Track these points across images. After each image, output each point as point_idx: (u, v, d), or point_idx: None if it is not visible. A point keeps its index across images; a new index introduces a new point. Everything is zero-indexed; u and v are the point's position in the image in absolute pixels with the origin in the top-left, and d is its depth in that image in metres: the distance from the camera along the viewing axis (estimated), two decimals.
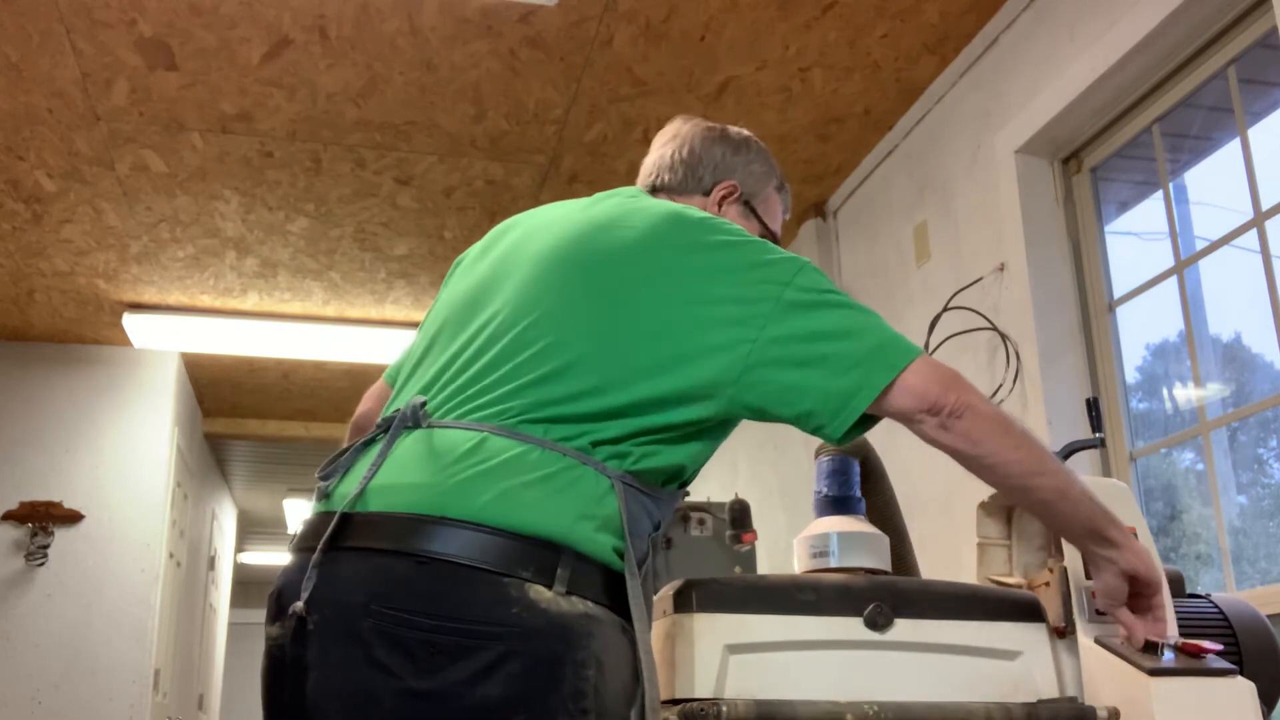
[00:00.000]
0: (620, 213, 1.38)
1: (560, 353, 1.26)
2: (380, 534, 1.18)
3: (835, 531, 1.40)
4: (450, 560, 1.14)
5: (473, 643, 1.12)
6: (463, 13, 2.90)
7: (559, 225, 1.40)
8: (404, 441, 1.25)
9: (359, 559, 1.18)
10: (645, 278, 1.30)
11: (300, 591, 1.17)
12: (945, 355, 3.06)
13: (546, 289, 1.31)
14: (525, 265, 1.36)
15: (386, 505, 1.20)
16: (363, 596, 1.14)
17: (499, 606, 1.13)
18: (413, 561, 1.15)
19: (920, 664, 1.28)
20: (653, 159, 1.62)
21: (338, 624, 1.15)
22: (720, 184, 1.64)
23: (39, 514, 4.95)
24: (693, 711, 1.16)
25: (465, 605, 1.13)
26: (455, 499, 1.17)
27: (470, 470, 1.19)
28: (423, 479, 1.20)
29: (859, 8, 2.91)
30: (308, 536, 1.24)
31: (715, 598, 1.26)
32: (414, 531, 1.16)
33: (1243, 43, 2.33)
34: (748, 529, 3.23)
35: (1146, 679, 1.27)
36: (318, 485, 1.30)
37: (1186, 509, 2.59)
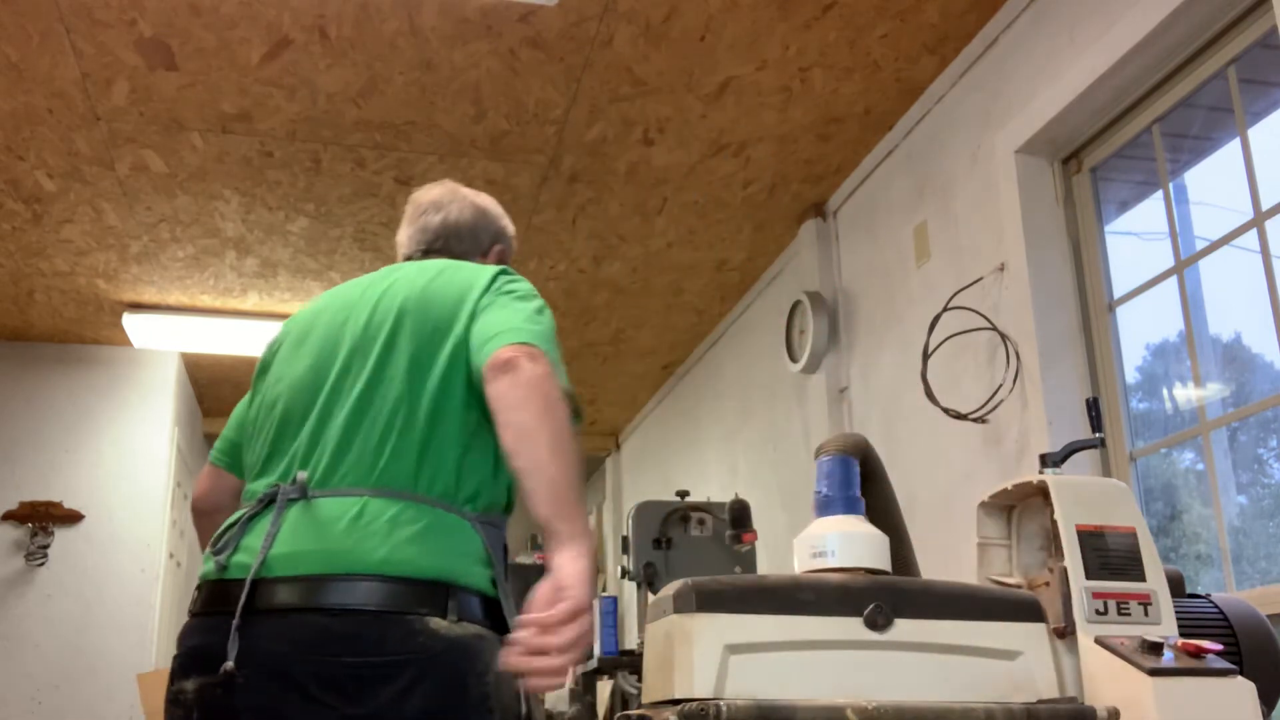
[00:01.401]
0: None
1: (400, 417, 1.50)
2: (293, 594, 1.40)
3: (835, 531, 1.40)
4: (361, 609, 1.38)
5: (392, 670, 1.36)
6: (463, 13, 2.90)
7: (369, 301, 1.63)
8: (291, 513, 1.46)
9: (277, 618, 1.39)
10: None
11: (225, 652, 1.36)
12: (945, 355, 3.06)
13: (380, 361, 1.55)
14: (349, 342, 1.59)
15: (292, 570, 1.41)
16: (288, 647, 1.37)
17: (408, 639, 1.38)
18: (327, 614, 1.38)
19: (920, 664, 1.28)
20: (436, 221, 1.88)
21: (271, 674, 1.37)
22: (496, 247, 1.91)
23: (39, 514, 4.95)
24: (692, 711, 1.16)
25: (381, 642, 1.37)
26: (354, 558, 1.40)
27: (360, 532, 1.42)
28: (321, 544, 1.42)
29: (859, 8, 2.91)
30: (213, 602, 1.44)
31: (715, 598, 1.26)
32: (324, 589, 1.39)
33: (1243, 43, 2.33)
34: (748, 529, 3.23)
35: (1146, 679, 1.27)
36: (212, 559, 1.47)
37: (1186, 509, 2.59)
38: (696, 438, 5.39)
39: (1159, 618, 1.40)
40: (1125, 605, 1.39)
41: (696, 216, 4.02)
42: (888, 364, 3.50)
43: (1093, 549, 1.42)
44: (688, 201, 3.91)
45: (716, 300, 4.79)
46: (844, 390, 3.79)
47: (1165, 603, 1.41)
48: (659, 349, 5.37)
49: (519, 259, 4.33)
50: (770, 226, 4.11)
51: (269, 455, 1.57)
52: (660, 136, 3.49)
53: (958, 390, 3.03)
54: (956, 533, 2.98)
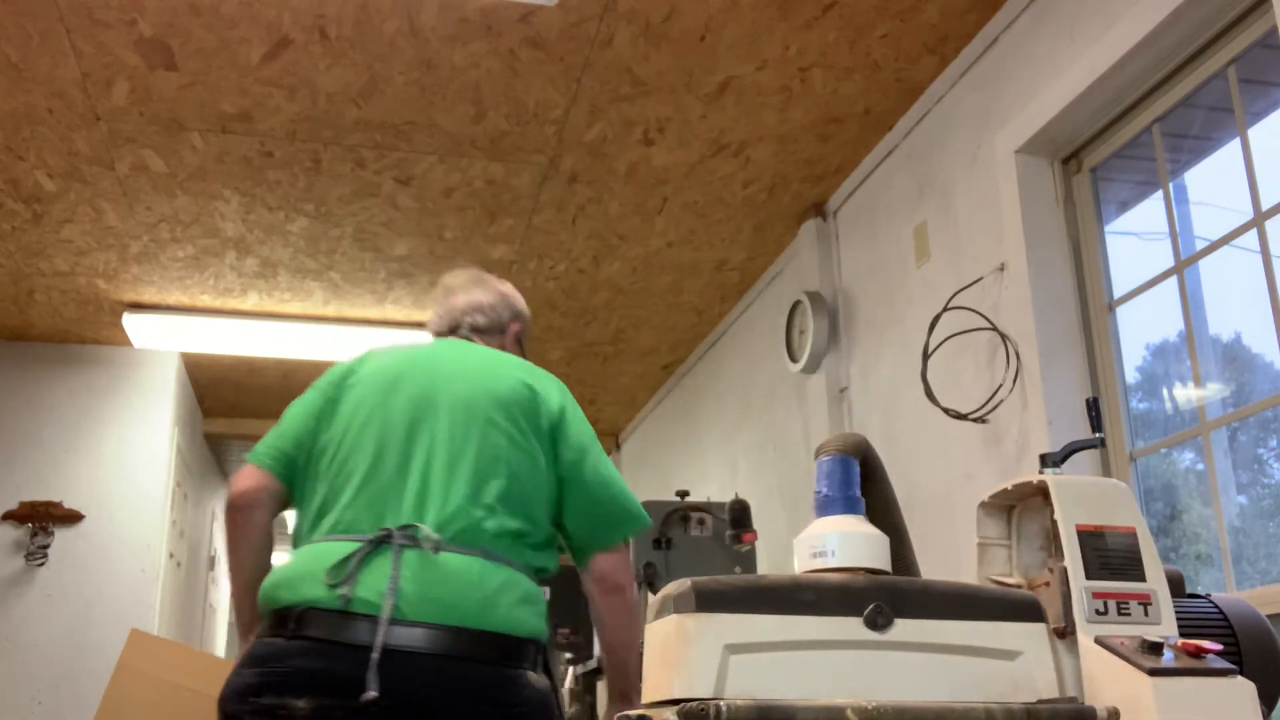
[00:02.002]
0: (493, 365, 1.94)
1: (492, 491, 1.77)
2: (429, 639, 1.62)
3: (835, 531, 1.40)
4: (487, 661, 1.65)
5: (504, 716, 1.64)
6: (463, 13, 2.90)
7: (452, 375, 1.88)
8: (409, 559, 1.67)
9: (414, 658, 1.60)
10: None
11: (354, 679, 1.55)
12: (945, 355, 3.07)
13: (473, 436, 1.81)
14: (444, 411, 1.83)
15: (424, 616, 1.63)
16: (429, 689, 1.59)
17: (520, 690, 1.67)
18: (459, 661, 1.62)
19: (920, 664, 1.28)
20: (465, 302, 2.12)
21: (406, 707, 1.58)
22: (513, 327, 2.16)
23: (39, 514, 4.95)
24: (692, 711, 1.16)
25: (502, 690, 1.65)
26: (480, 615, 1.66)
27: (482, 593, 1.67)
28: (448, 596, 1.65)
29: (859, 8, 2.91)
30: (332, 630, 1.62)
31: (715, 598, 1.26)
32: (458, 639, 1.63)
33: (1243, 43, 2.33)
34: (748, 529, 3.23)
35: (1146, 679, 1.27)
36: (331, 590, 1.64)
37: (1186, 509, 2.59)
38: (696, 438, 5.39)
39: (1159, 618, 1.40)
40: (1125, 605, 1.39)
41: (696, 216, 4.02)
42: (888, 364, 3.50)
43: (1093, 549, 1.42)
44: (688, 201, 3.91)
45: (716, 300, 4.79)
46: (844, 390, 3.79)
47: (1165, 603, 1.41)
48: (659, 349, 5.37)
49: (519, 259, 4.34)
50: (770, 226, 4.11)
51: (360, 490, 1.77)
52: (660, 136, 3.49)
53: (958, 390, 3.03)
54: (956, 533, 2.98)
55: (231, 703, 1.64)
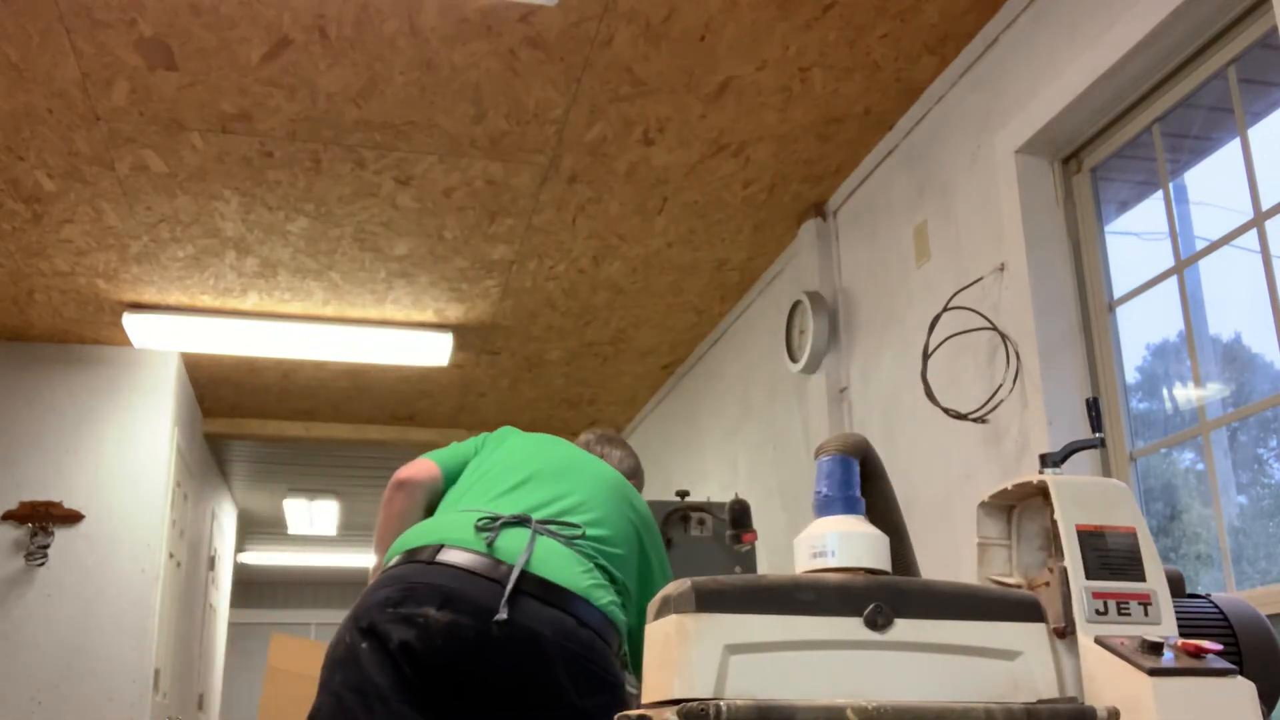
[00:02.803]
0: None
1: (615, 544, 2.08)
2: (553, 594, 1.87)
3: (835, 531, 1.40)
4: (594, 628, 1.88)
5: (608, 684, 1.85)
6: (463, 13, 2.90)
7: (598, 462, 2.27)
8: (543, 538, 1.95)
9: (540, 604, 1.85)
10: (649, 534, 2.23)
11: (490, 603, 1.81)
12: (945, 355, 3.07)
13: (606, 500, 2.13)
14: (589, 476, 2.17)
15: (549, 575, 1.88)
16: (547, 630, 1.82)
17: (612, 665, 1.89)
18: (576, 620, 1.86)
19: (920, 664, 1.28)
20: (615, 457, 2.52)
21: (527, 640, 1.81)
22: None
23: (39, 514, 4.95)
24: (692, 711, 1.16)
25: (604, 657, 1.88)
26: (592, 593, 1.92)
27: (593, 579, 1.95)
28: (568, 569, 1.92)
29: (859, 8, 2.91)
30: (471, 566, 1.87)
31: (715, 598, 1.26)
32: (576, 601, 1.88)
33: (1243, 43, 2.33)
34: (748, 529, 3.23)
35: (1146, 679, 1.27)
36: (480, 534, 1.93)
37: (1186, 509, 2.59)
38: (696, 438, 5.39)
39: (1159, 618, 1.40)
40: (1125, 605, 1.39)
41: (696, 216, 4.02)
42: (888, 364, 3.50)
43: (1093, 549, 1.42)
44: (688, 201, 3.91)
45: (716, 300, 4.79)
46: (844, 390, 3.79)
47: (1165, 603, 1.41)
48: (659, 349, 5.37)
49: (519, 259, 4.34)
50: (770, 226, 4.11)
51: (508, 493, 2.07)
52: (660, 136, 3.49)
53: (958, 390, 3.03)
54: (956, 533, 2.98)
55: (372, 613, 1.85)
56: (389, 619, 1.82)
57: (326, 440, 6.42)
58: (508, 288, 4.61)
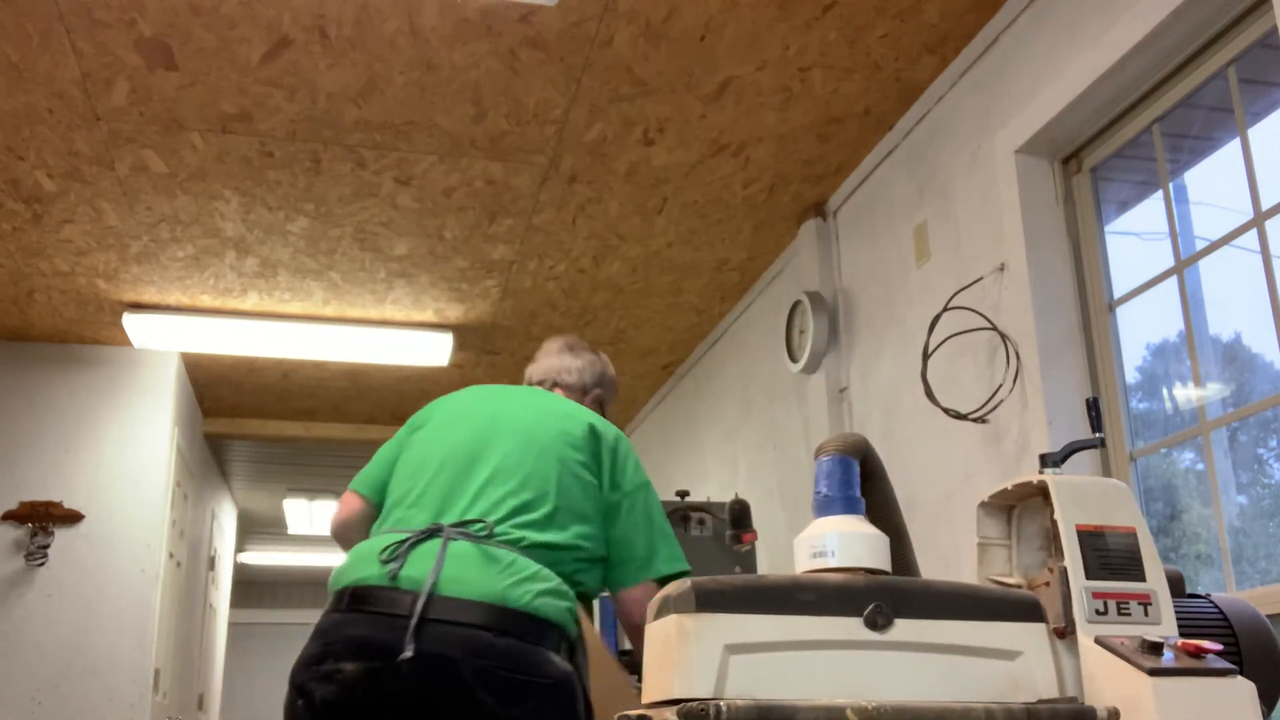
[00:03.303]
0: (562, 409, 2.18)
1: (540, 506, 1.99)
2: (463, 612, 1.81)
3: (835, 531, 1.40)
4: (514, 633, 1.82)
5: (535, 687, 1.80)
6: (463, 13, 2.90)
7: (522, 410, 2.15)
8: (454, 548, 1.89)
9: (450, 627, 1.80)
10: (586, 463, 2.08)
11: (396, 644, 1.77)
12: (945, 355, 3.07)
13: (528, 457, 2.04)
14: (506, 436, 2.07)
15: (460, 593, 1.83)
16: (459, 653, 1.78)
17: (544, 665, 1.83)
18: (492, 633, 1.81)
19: (920, 664, 1.28)
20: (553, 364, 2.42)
21: (439, 670, 1.77)
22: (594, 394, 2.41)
23: (39, 514, 4.95)
24: (692, 711, 1.16)
25: (527, 664, 1.81)
26: (506, 595, 1.84)
27: (514, 577, 1.87)
28: (483, 579, 1.85)
29: (859, 8, 2.91)
30: (379, 604, 1.85)
31: (715, 598, 1.26)
32: (490, 613, 1.82)
33: (1243, 43, 2.33)
34: (748, 529, 3.23)
35: (1146, 679, 1.27)
36: (381, 567, 1.89)
37: (1186, 509, 2.59)
38: (696, 438, 5.39)
39: (1159, 618, 1.40)
40: (1125, 605, 1.39)
41: (696, 216, 4.02)
42: (888, 364, 3.50)
43: (1093, 549, 1.42)
44: (688, 201, 3.91)
45: (716, 300, 4.79)
46: (844, 390, 3.79)
47: (1165, 603, 1.41)
48: (659, 349, 5.37)
49: (519, 259, 4.33)
50: (770, 226, 4.11)
51: (420, 494, 2.02)
52: (660, 136, 3.49)
53: (958, 390, 3.03)
54: (956, 533, 2.98)
55: (300, 673, 1.88)
56: (313, 677, 1.86)
57: (326, 440, 6.42)
58: (508, 288, 4.61)
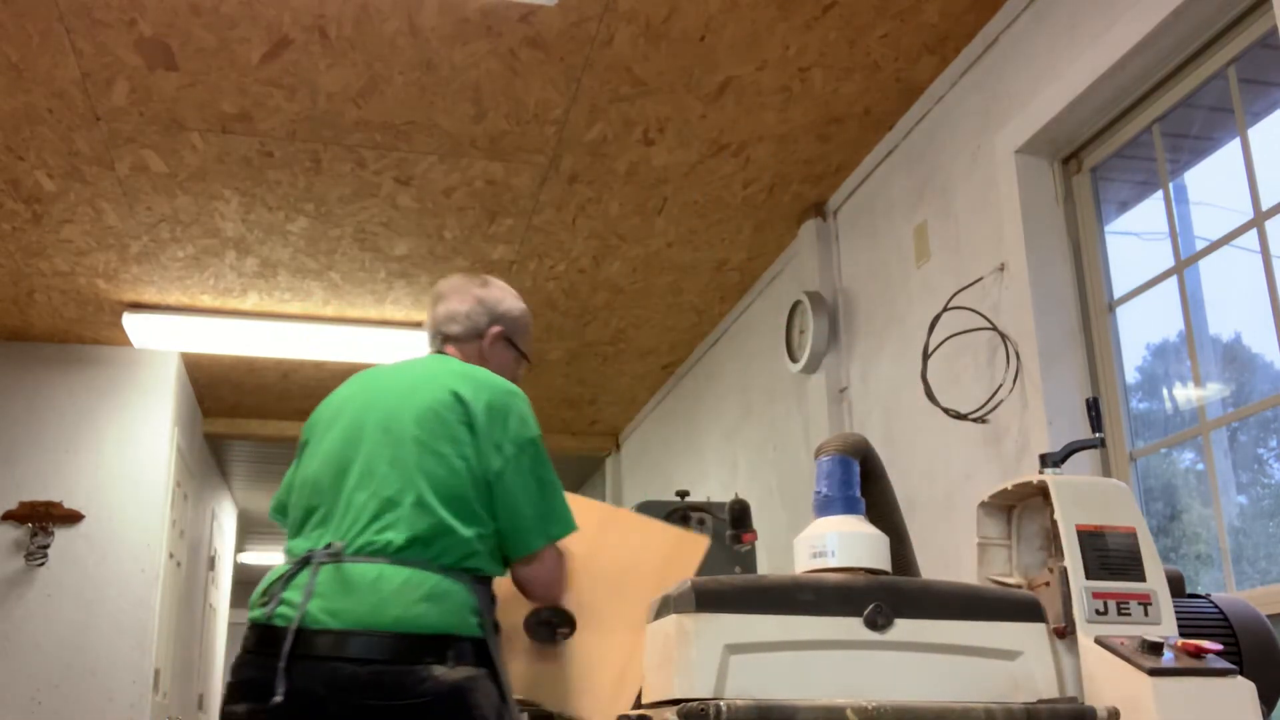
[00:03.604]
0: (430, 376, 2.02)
1: (402, 497, 1.87)
2: (327, 645, 1.75)
3: (835, 531, 1.40)
4: (381, 659, 1.74)
5: (407, 711, 1.72)
6: (463, 13, 2.90)
7: (387, 395, 2.01)
8: (323, 573, 1.81)
9: (316, 663, 1.75)
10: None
11: (273, 686, 1.72)
12: (945, 355, 3.07)
13: (387, 452, 1.92)
14: (370, 432, 1.95)
15: (325, 624, 1.76)
16: (324, 689, 1.73)
17: (418, 684, 1.74)
18: (355, 663, 1.74)
19: (920, 664, 1.28)
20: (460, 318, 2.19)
21: (310, 709, 1.72)
22: (490, 329, 2.19)
23: (39, 514, 4.95)
24: (692, 711, 1.16)
25: (398, 688, 1.73)
26: (374, 617, 1.76)
27: (378, 596, 1.78)
28: (347, 604, 1.78)
29: (859, 8, 2.91)
30: (261, 644, 1.80)
31: (715, 598, 1.26)
32: (352, 642, 1.75)
33: (1243, 43, 2.33)
34: (748, 529, 3.23)
35: (1146, 679, 1.27)
36: (260, 608, 1.84)
37: (1186, 509, 2.59)
38: (696, 438, 5.39)
39: (1159, 618, 1.40)
40: (1125, 605, 1.39)
41: (696, 216, 4.02)
42: (888, 364, 3.50)
43: (1093, 549, 1.42)
44: (688, 201, 3.91)
45: (716, 300, 4.79)
46: (844, 390, 3.79)
47: (1165, 603, 1.41)
48: (659, 349, 5.37)
49: (519, 259, 4.33)
50: (770, 226, 4.11)
51: (303, 519, 1.95)
52: (660, 136, 3.49)
53: (958, 390, 3.03)
54: (956, 533, 2.98)
55: (222, 713, 1.89)
56: (222, 716, 1.88)
57: None
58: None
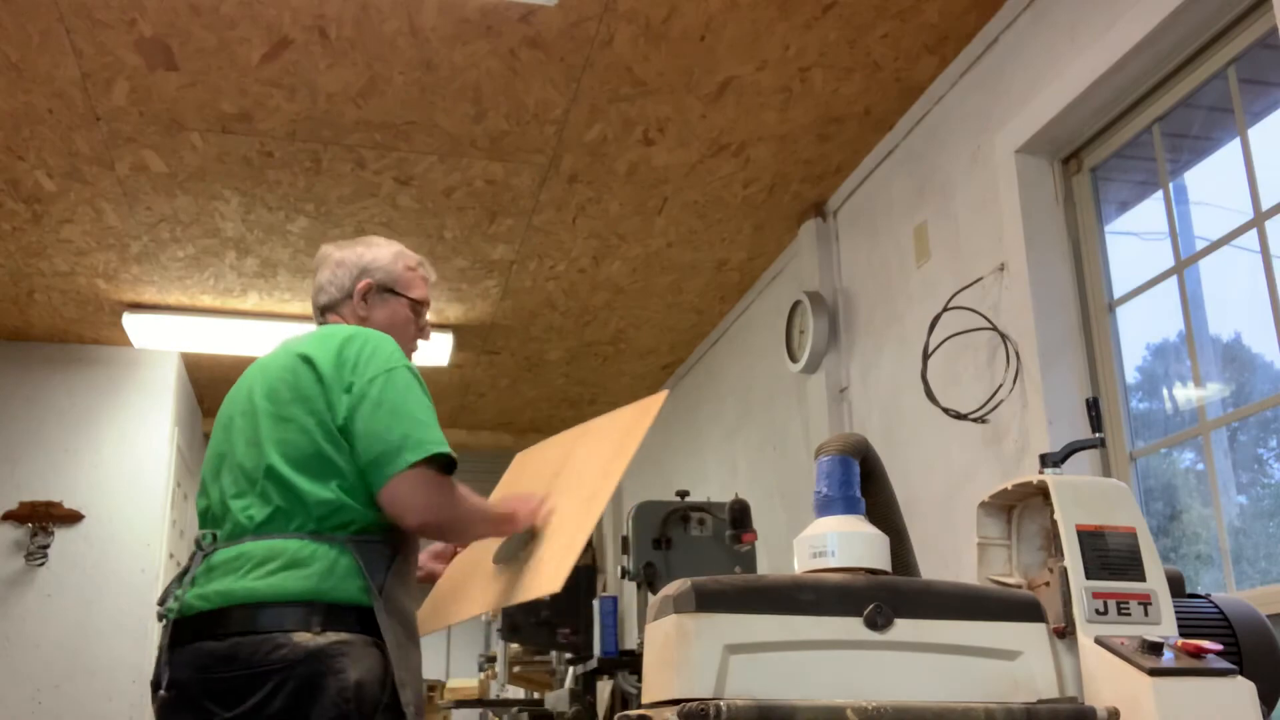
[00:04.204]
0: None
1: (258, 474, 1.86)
2: (191, 630, 1.79)
3: (835, 531, 1.40)
4: (236, 633, 1.74)
5: (259, 680, 1.71)
6: (463, 13, 2.90)
7: (255, 379, 1.98)
8: (202, 564, 1.85)
9: (183, 650, 1.79)
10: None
11: (161, 679, 1.80)
12: (945, 355, 3.07)
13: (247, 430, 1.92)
14: (239, 417, 1.95)
15: (193, 610, 1.80)
16: (188, 672, 1.77)
17: (273, 652, 1.71)
18: (213, 640, 1.76)
19: (920, 664, 1.28)
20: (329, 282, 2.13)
21: (181, 695, 1.78)
22: (358, 284, 2.11)
23: (39, 514, 4.95)
24: (692, 711, 1.16)
25: (251, 658, 1.72)
26: (231, 593, 1.77)
27: (236, 574, 1.79)
28: (210, 587, 1.80)
29: (859, 8, 2.91)
30: (160, 637, 1.85)
31: (715, 598, 1.26)
32: (211, 622, 1.77)
33: (1243, 43, 2.33)
34: (748, 529, 3.23)
35: (1146, 679, 1.27)
36: (162, 606, 1.87)
37: (1186, 509, 2.59)
38: (696, 438, 5.39)
39: (1159, 618, 1.40)
40: (1125, 605, 1.39)
41: (696, 216, 4.02)
42: (888, 364, 3.50)
43: (1093, 549, 1.42)
44: (688, 201, 3.91)
45: (716, 300, 4.79)
46: (844, 390, 3.79)
47: (1165, 603, 1.41)
48: (659, 349, 5.37)
49: (519, 259, 4.33)
50: (770, 226, 4.11)
51: (200, 518, 1.97)
52: (660, 136, 3.49)
53: (958, 390, 3.03)
54: (956, 533, 2.98)
55: None
56: None
57: None
58: (508, 288, 4.61)
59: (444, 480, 1.85)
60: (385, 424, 1.82)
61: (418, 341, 2.18)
